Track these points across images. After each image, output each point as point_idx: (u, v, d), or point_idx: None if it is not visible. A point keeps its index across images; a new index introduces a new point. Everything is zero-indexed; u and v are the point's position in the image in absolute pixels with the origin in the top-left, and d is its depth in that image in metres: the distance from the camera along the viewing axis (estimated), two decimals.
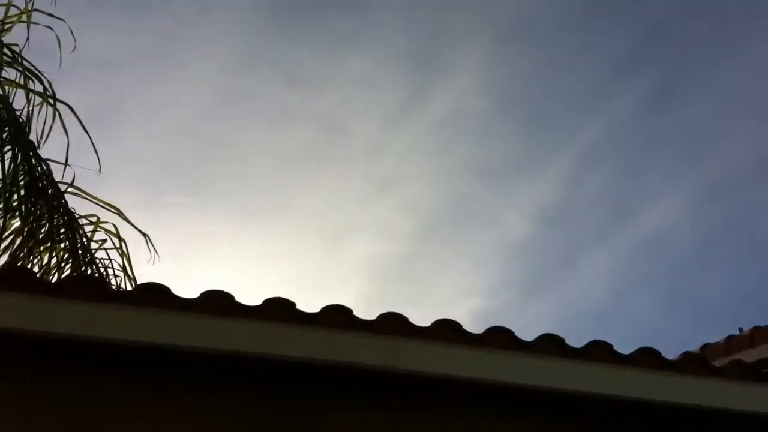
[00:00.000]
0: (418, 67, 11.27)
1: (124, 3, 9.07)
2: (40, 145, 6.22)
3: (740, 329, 5.56)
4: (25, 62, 6.10)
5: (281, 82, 10.67)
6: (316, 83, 10.86)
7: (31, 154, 6.14)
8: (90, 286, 3.81)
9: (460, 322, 4.06)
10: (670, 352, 4.29)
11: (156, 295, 3.72)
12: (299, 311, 3.87)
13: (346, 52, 10.82)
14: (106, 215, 6.46)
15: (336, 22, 10.63)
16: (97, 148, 6.24)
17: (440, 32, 11.11)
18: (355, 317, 3.93)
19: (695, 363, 4.21)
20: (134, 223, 6.38)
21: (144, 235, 6.37)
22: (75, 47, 6.22)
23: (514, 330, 4.07)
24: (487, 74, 11.33)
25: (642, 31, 11.19)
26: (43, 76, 6.13)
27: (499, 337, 4.03)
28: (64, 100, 6.23)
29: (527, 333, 4.10)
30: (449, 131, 11.60)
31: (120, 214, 6.33)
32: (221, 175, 10.89)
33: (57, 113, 6.12)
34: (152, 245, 6.35)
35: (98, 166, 6.12)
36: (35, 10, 6.19)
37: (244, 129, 10.77)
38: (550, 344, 4.07)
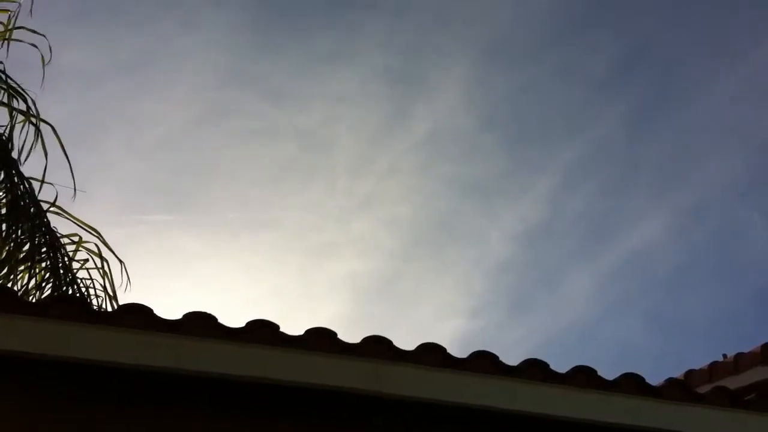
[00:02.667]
0: (402, 84, 11.33)
1: (107, 18, 9.07)
2: (22, 163, 6.19)
3: (724, 355, 5.58)
4: (9, 80, 6.07)
5: (264, 99, 10.69)
6: (299, 100, 10.89)
7: (13, 172, 6.10)
8: (71, 306, 3.78)
9: (444, 346, 4.06)
10: (652, 373, 4.32)
11: (138, 316, 3.70)
12: (283, 334, 3.85)
13: (330, 69, 10.87)
14: (88, 234, 6.43)
15: (320, 40, 10.68)
16: (79, 163, 6.24)
17: (424, 50, 11.19)
18: (339, 340, 3.92)
19: (679, 389, 4.23)
20: (114, 247, 6.35)
21: (121, 261, 6.34)
22: (50, 60, 6.18)
23: (497, 351, 4.08)
24: (470, 92, 11.41)
25: (625, 51, 11.32)
26: (26, 94, 6.12)
27: (483, 362, 4.03)
28: (46, 114, 6.23)
29: (510, 352, 4.13)
30: (432, 149, 11.65)
31: (100, 237, 6.31)
32: (203, 192, 10.88)
33: (39, 132, 6.10)
34: (127, 273, 6.32)
35: (75, 187, 6.07)
36: (18, 27, 6.16)
37: (227, 145, 10.77)
38: (534, 369, 4.07)
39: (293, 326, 3.91)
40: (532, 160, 11.89)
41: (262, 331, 3.80)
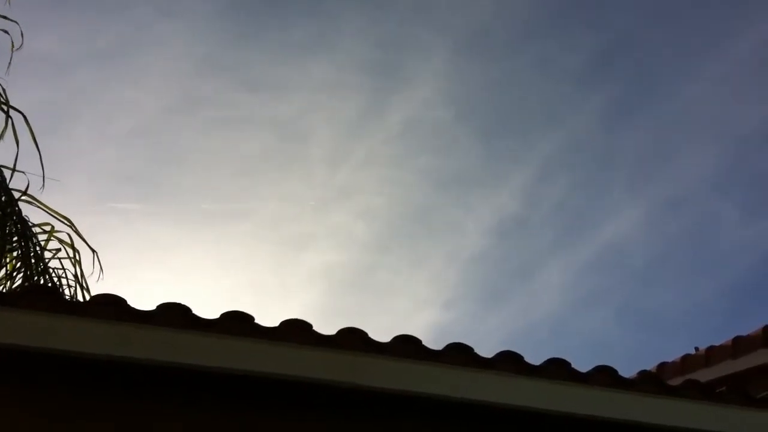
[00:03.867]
0: (379, 75, 11.29)
1: (81, 4, 8.93)
2: None
3: (696, 348, 5.64)
4: None
5: (240, 88, 10.60)
6: (275, 89, 10.82)
7: None
8: (44, 296, 3.74)
9: (420, 338, 4.07)
10: (625, 366, 4.36)
11: (112, 307, 3.67)
12: (258, 325, 3.84)
13: (307, 58, 10.81)
14: (60, 223, 6.36)
15: (297, 29, 10.61)
16: (50, 151, 6.14)
17: (401, 41, 11.15)
18: (315, 332, 3.91)
19: (651, 381, 4.27)
20: (86, 236, 6.28)
21: (93, 251, 6.28)
22: (21, 45, 6.08)
23: (471, 343, 4.10)
24: (447, 84, 11.40)
25: (601, 46, 11.36)
26: None
27: (458, 354, 4.04)
28: (17, 101, 6.13)
29: (484, 344, 4.14)
30: (408, 141, 11.64)
31: (72, 226, 6.23)
32: (177, 181, 10.79)
33: (10, 120, 6.01)
34: (100, 263, 6.26)
35: (46, 176, 5.99)
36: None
37: (201, 134, 10.68)
38: (508, 361, 4.09)
39: (268, 318, 3.90)
40: (509, 152, 11.94)
41: (236, 322, 3.79)
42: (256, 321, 3.85)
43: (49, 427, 3.57)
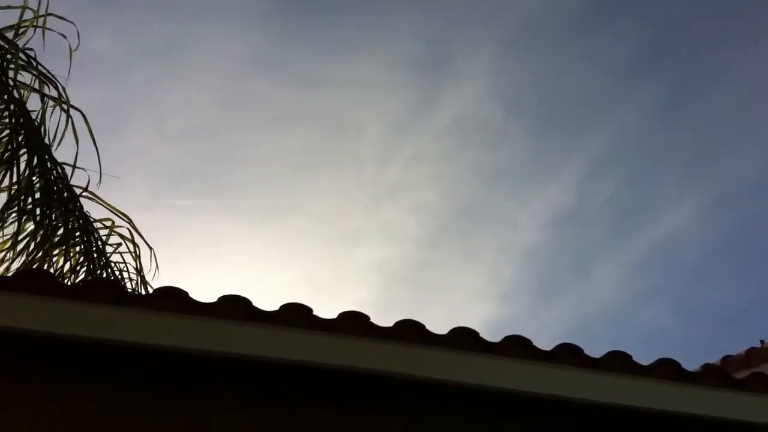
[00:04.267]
0: (428, 71, 11.26)
1: (131, 3, 9.07)
2: (55, 149, 6.23)
3: (762, 341, 5.52)
4: (40, 67, 6.11)
5: (291, 84, 10.66)
6: (326, 85, 10.85)
7: (46, 157, 6.14)
8: (108, 289, 3.80)
9: (477, 330, 4.05)
10: (683, 360, 4.28)
11: (174, 299, 3.72)
12: (317, 317, 3.85)
13: (357, 54, 10.82)
14: (120, 219, 6.47)
15: (347, 24, 10.63)
16: (108, 148, 6.26)
17: (450, 37, 11.11)
18: (372, 324, 3.91)
19: (715, 375, 4.19)
20: (144, 232, 6.41)
21: (150, 248, 6.39)
22: (78, 46, 6.19)
23: (529, 337, 4.06)
24: (497, 79, 11.32)
25: (652, 37, 11.17)
26: (57, 80, 6.15)
27: (516, 346, 4.01)
28: (76, 100, 6.25)
29: (539, 338, 4.10)
30: (458, 136, 11.59)
31: (130, 222, 6.36)
32: (231, 178, 10.90)
33: (70, 119, 6.14)
34: (156, 259, 6.37)
35: (105, 173, 6.11)
36: (49, 14, 6.18)
37: (254, 130, 10.76)
38: (567, 353, 4.05)
39: (324, 311, 3.92)
40: (559, 147, 11.81)
41: (295, 314, 3.81)
42: (315, 313, 3.87)
43: (125, 421, 3.62)
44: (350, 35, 10.67)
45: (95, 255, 6.33)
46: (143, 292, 6.33)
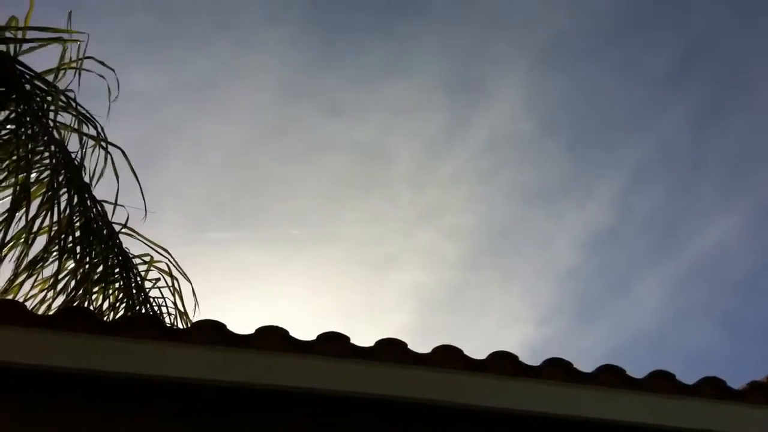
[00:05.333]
0: (459, 91, 11.27)
1: (163, 40, 9.24)
2: (94, 187, 6.35)
3: None
4: (79, 107, 6.25)
5: (322, 113, 10.75)
6: (356, 112, 10.93)
7: (86, 195, 6.26)
8: (149, 324, 3.85)
9: (516, 354, 4.01)
10: (732, 378, 4.19)
11: (213, 332, 3.75)
12: (353, 345, 3.85)
13: (386, 79, 10.88)
14: (158, 254, 6.56)
15: (374, 51, 10.71)
16: (145, 184, 6.36)
17: (480, 55, 11.12)
18: (410, 351, 3.90)
19: (761, 392, 4.10)
20: (182, 264, 6.48)
21: (189, 281, 6.47)
22: (118, 94, 6.32)
23: (568, 359, 4.01)
24: (530, 96, 11.28)
25: (687, 46, 11.05)
26: (95, 120, 6.28)
27: (557, 369, 3.96)
28: (113, 138, 6.38)
29: (581, 360, 4.05)
30: (493, 156, 11.55)
31: (170, 257, 6.45)
32: (265, 209, 10.99)
33: (109, 156, 6.26)
34: (194, 293, 6.44)
35: (147, 208, 6.22)
36: (87, 57, 6.33)
37: (287, 161, 10.86)
38: (610, 375, 3.99)
39: (361, 339, 3.91)
40: (596, 162, 11.71)
41: (332, 343, 3.81)
42: (352, 341, 3.87)
43: None
44: (379, 61, 10.75)
45: (134, 291, 6.42)
46: (182, 326, 6.39)
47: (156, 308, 6.54)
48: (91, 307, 6.17)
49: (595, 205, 11.83)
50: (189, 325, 6.28)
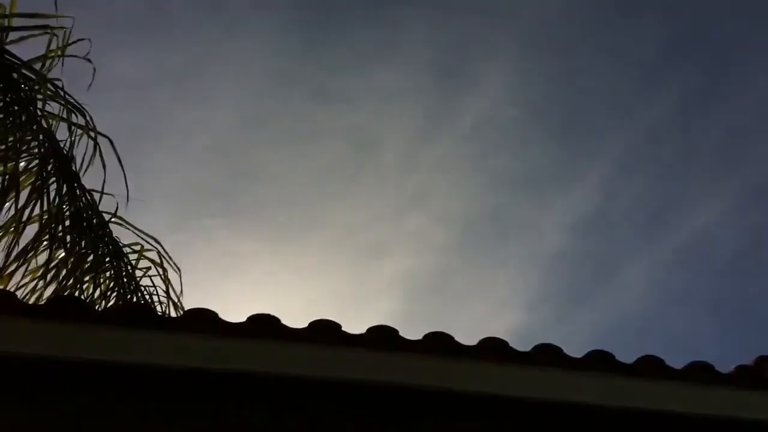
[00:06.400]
0: (447, 77, 11.27)
1: (149, 26, 9.19)
2: (82, 175, 6.33)
3: None
4: (67, 96, 6.22)
5: (311, 100, 10.73)
6: (344, 99, 10.91)
7: (75, 185, 6.25)
8: (138, 312, 3.85)
9: (506, 340, 4.04)
10: (721, 362, 4.24)
11: (204, 321, 3.76)
12: (345, 333, 3.87)
13: (374, 66, 10.87)
14: (148, 242, 6.55)
15: (362, 37, 10.69)
16: (131, 171, 6.35)
17: (468, 41, 11.11)
18: (401, 337, 3.92)
19: (748, 376, 4.15)
20: (171, 252, 6.49)
21: (178, 269, 6.47)
22: (92, 82, 6.28)
23: (556, 343, 4.03)
24: (517, 81, 11.29)
25: (676, 32, 11.08)
26: (84, 109, 6.26)
27: (547, 355, 4.00)
28: (100, 125, 6.36)
29: (570, 345, 4.08)
30: (481, 141, 11.57)
31: (159, 245, 6.45)
32: (254, 195, 10.98)
33: (97, 146, 6.24)
34: (180, 282, 6.44)
35: (132, 197, 6.20)
36: (76, 41, 6.29)
37: (275, 147, 10.84)
38: (599, 360, 4.03)
39: (351, 325, 3.94)
40: (583, 148, 11.74)
41: (324, 331, 3.83)
42: (344, 329, 3.89)
43: None
44: (366, 47, 10.73)
45: (125, 280, 6.42)
46: (173, 315, 6.40)
47: (147, 297, 6.54)
48: (82, 297, 6.17)
49: (583, 191, 11.89)
50: (181, 314, 6.31)
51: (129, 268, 6.51)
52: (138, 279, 6.53)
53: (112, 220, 6.42)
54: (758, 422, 3.98)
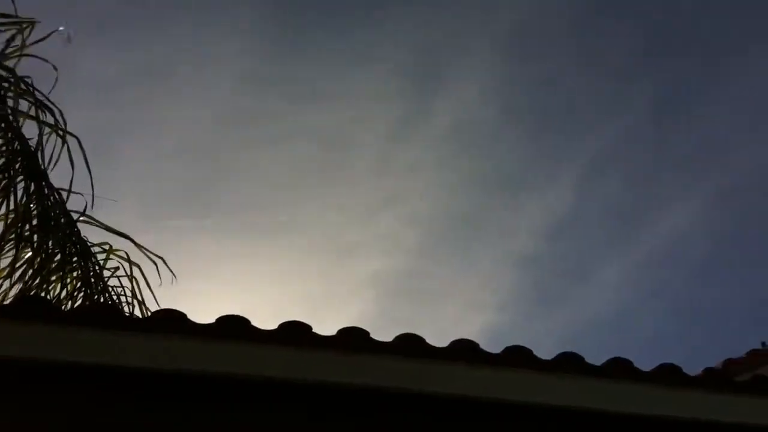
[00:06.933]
0: (420, 80, 11.29)
1: (122, 24, 9.09)
2: (50, 170, 6.23)
3: (763, 343, 5.53)
4: (37, 93, 6.14)
5: (284, 101, 10.69)
6: (317, 100, 10.88)
7: (43, 183, 6.16)
8: (109, 313, 3.80)
9: (477, 342, 4.04)
10: (689, 364, 4.27)
11: (172, 322, 3.72)
12: (316, 335, 3.85)
13: (347, 68, 10.86)
14: (118, 242, 6.49)
15: (337, 39, 10.67)
16: (101, 170, 6.27)
17: (442, 43, 11.15)
18: (372, 339, 3.91)
19: (716, 378, 4.18)
20: (146, 249, 6.40)
21: (159, 258, 6.39)
22: (56, 78, 6.20)
23: (527, 345, 4.04)
24: (491, 84, 11.34)
25: (650, 37, 11.19)
26: (54, 107, 6.17)
27: (518, 357, 4.00)
28: (68, 124, 6.27)
29: (541, 346, 4.10)
30: (455, 143, 11.61)
31: (132, 241, 6.37)
32: (225, 196, 10.91)
33: (66, 144, 6.16)
34: (169, 268, 6.38)
35: (98, 196, 6.13)
36: (47, 36, 6.20)
37: (247, 148, 10.78)
38: (569, 362, 4.04)
39: (323, 326, 3.91)
40: (557, 150, 11.82)
41: (295, 332, 3.81)
42: (315, 331, 3.87)
43: None
44: (340, 49, 10.71)
45: (93, 280, 6.34)
46: (141, 315, 6.33)
47: (115, 297, 6.47)
48: (49, 297, 6.09)
49: (555, 193, 11.97)
50: (148, 315, 6.24)
51: (97, 268, 6.43)
52: (106, 279, 6.46)
53: (81, 219, 6.34)
54: (726, 425, 4.01)
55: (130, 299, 6.48)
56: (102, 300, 6.29)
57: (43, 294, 6.03)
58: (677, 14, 10.92)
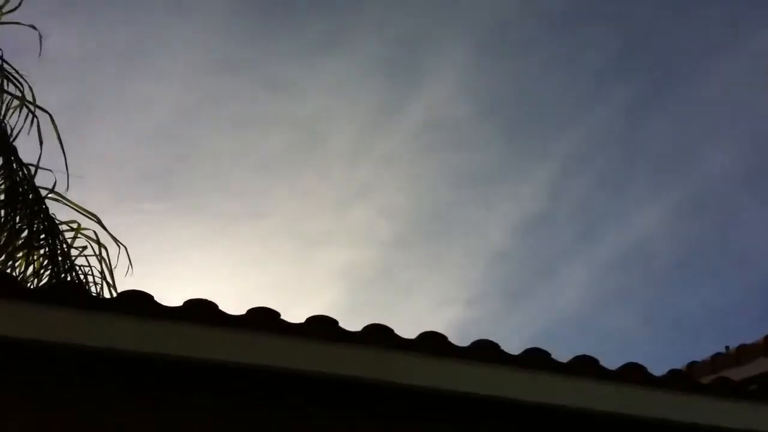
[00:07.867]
0: (397, 72, 11.28)
1: (92, 3, 8.97)
2: (14, 143, 6.12)
3: (726, 347, 5.61)
4: (5, 64, 6.03)
5: (258, 86, 10.61)
6: (293, 88, 10.82)
7: (12, 158, 6.06)
8: (73, 293, 3.75)
9: (446, 335, 4.05)
10: (653, 365, 4.31)
11: (139, 302, 3.68)
12: (284, 321, 3.84)
13: (324, 56, 10.80)
14: (87, 221, 6.41)
15: (313, 26, 10.61)
16: (71, 148, 6.18)
17: (420, 37, 11.13)
18: (340, 328, 3.90)
19: (682, 380, 4.23)
20: (112, 233, 6.33)
21: (122, 245, 6.33)
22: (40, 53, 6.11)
23: (495, 340, 4.06)
24: (468, 80, 11.36)
25: (623, 40, 11.29)
26: (24, 80, 6.07)
27: (485, 351, 4.02)
28: (42, 101, 6.17)
29: (508, 342, 4.12)
30: (428, 138, 11.61)
31: (99, 222, 6.29)
32: (196, 180, 10.83)
33: (35, 119, 6.06)
34: (129, 257, 6.31)
35: (72, 173, 6.05)
36: (10, 11, 6.09)
37: (220, 133, 10.71)
38: (536, 358, 4.06)
39: (291, 315, 3.90)
40: (530, 149, 11.89)
41: (263, 318, 3.79)
42: (283, 317, 3.85)
43: (72, 420, 3.57)
44: (317, 37, 10.65)
45: (60, 258, 6.25)
46: (108, 296, 6.26)
47: (82, 277, 6.39)
48: (15, 273, 6.00)
49: (528, 190, 12.04)
50: (115, 295, 6.16)
51: (64, 246, 6.34)
52: (73, 258, 6.38)
53: (50, 196, 6.25)
54: (690, 425, 4.06)
55: (99, 279, 6.41)
56: (69, 279, 6.21)
57: (8, 271, 5.94)
58: (652, 19, 11.04)
